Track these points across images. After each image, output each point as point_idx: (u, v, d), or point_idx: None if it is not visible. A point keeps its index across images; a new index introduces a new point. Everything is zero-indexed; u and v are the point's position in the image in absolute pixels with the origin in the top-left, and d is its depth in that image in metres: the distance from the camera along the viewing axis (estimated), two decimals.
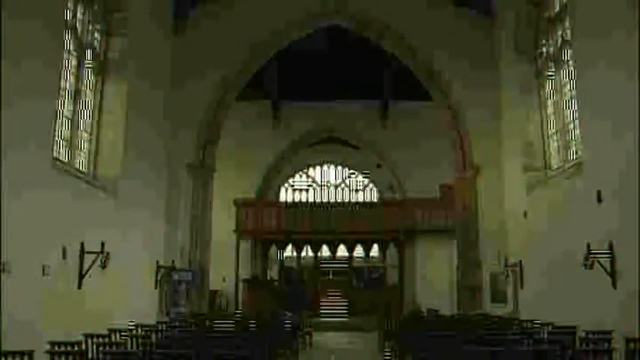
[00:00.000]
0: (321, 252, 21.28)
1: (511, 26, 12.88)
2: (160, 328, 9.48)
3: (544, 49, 12.18)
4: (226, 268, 18.16)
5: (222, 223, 17.48)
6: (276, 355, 8.40)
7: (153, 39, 12.78)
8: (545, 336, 8.25)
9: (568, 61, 10.99)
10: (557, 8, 11.43)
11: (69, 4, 9.36)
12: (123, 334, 8.17)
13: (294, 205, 21.29)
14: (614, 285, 8.36)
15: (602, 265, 8.46)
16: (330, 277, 21.42)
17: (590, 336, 7.39)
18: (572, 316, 8.89)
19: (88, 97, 10.44)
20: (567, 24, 10.81)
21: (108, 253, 9.14)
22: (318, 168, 24.88)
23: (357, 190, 24.69)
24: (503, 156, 13.72)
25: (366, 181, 24.70)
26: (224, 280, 18.36)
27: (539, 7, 12.17)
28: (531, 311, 11.29)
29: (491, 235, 13.50)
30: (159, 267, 12.56)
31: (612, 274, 8.36)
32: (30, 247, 7.43)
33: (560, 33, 11.37)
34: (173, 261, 13.14)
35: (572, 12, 10.29)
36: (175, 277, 12.94)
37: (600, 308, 8.57)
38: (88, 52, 10.37)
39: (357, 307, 18.73)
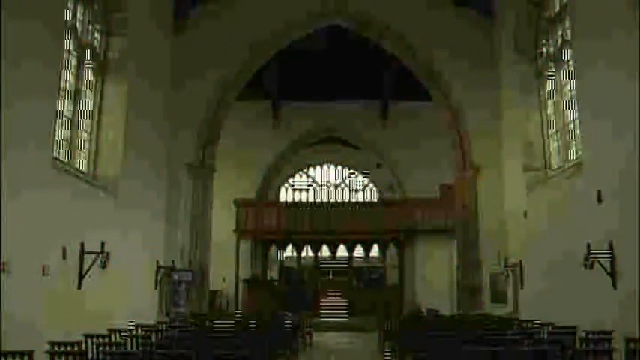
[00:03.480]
0: (321, 252, 21.28)
1: (511, 26, 12.89)
2: (160, 328, 9.49)
3: (544, 49, 12.18)
4: (226, 268, 18.16)
5: (222, 223, 17.49)
6: (276, 355, 8.41)
7: (153, 39, 12.78)
8: (545, 336, 8.26)
9: (568, 61, 10.99)
10: (557, 8, 11.43)
11: (69, 4, 9.35)
12: (123, 334, 8.17)
13: (294, 205, 21.28)
14: (614, 285, 8.36)
15: (602, 265, 8.46)
16: (330, 277, 21.45)
17: (590, 336, 7.39)
18: (572, 316, 8.90)
19: (88, 97, 10.44)
20: (567, 24, 10.82)
21: (108, 253, 9.13)
22: (318, 168, 24.87)
23: (357, 190, 24.68)
24: (503, 156, 13.72)
25: (366, 181, 24.70)
26: (224, 280, 18.36)
27: (539, 7, 12.17)
28: (531, 311, 11.30)
29: (491, 235, 13.50)
30: (159, 267, 12.57)
31: (612, 274, 8.36)
32: (30, 247, 7.43)
33: (560, 33, 11.37)
34: (173, 261, 13.14)
35: (572, 12, 10.29)
36: (175, 277, 12.95)
37: (600, 308, 8.56)
38: (88, 52, 10.37)
39: (357, 307, 18.74)
